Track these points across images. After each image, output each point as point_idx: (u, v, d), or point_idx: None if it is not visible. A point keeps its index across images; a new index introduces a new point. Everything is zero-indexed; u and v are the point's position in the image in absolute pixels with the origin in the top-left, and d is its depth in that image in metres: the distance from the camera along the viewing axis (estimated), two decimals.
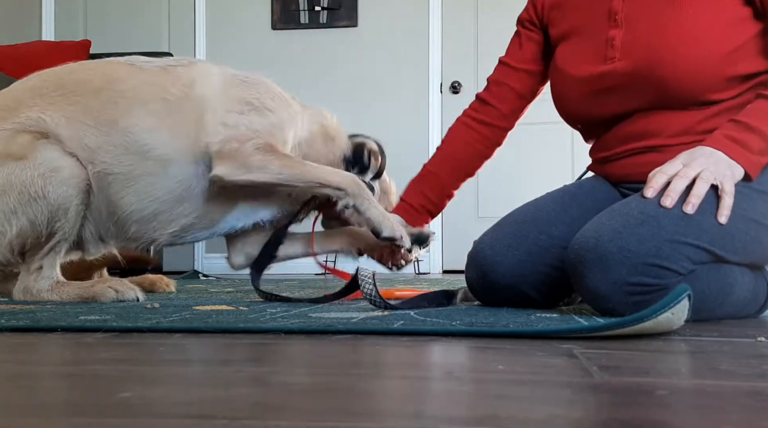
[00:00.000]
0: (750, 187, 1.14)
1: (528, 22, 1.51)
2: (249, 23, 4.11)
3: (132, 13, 4.20)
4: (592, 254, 1.10)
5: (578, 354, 0.77)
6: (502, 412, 0.50)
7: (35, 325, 1.02)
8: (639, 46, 1.26)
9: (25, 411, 0.52)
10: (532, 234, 1.31)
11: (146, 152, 1.47)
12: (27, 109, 1.47)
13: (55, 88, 1.50)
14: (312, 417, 0.49)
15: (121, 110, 1.48)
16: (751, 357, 0.79)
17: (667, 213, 1.10)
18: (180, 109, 1.49)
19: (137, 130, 1.47)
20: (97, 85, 1.51)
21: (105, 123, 1.47)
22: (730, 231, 1.11)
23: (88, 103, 1.49)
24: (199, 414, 0.49)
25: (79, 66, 1.60)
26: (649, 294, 1.08)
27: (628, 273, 1.08)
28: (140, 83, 1.51)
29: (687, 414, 0.51)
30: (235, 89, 1.53)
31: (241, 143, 1.44)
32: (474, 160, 1.57)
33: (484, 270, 1.33)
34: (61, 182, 1.40)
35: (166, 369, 0.69)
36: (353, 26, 4.04)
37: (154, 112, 1.48)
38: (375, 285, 1.23)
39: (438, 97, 3.99)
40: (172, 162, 1.48)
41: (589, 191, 1.39)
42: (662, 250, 1.08)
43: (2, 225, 1.40)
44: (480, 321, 1.04)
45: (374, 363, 0.74)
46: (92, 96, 1.49)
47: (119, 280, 1.49)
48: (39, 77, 1.55)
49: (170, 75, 1.53)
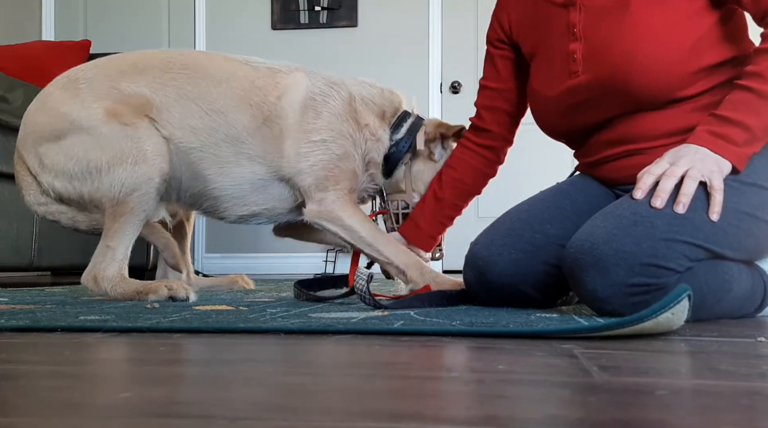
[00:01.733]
0: (739, 179, 1.14)
1: (497, 41, 1.52)
2: (249, 23, 4.11)
3: (132, 13, 4.20)
4: (588, 257, 1.11)
5: (578, 354, 0.77)
6: (502, 412, 0.50)
7: (35, 325, 1.02)
8: (598, 58, 1.26)
9: (25, 411, 0.52)
10: (527, 233, 1.32)
11: (241, 147, 1.61)
12: (148, 77, 1.60)
13: (181, 67, 1.64)
14: (312, 417, 0.49)
15: (231, 104, 1.61)
16: (751, 357, 0.79)
17: (659, 212, 1.10)
18: (269, 121, 1.62)
19: (239, 127, 1.61)
20: (217, 78, 1.64)
21: (215, 111, 1.61)
22: (724, 226, 1.11)
23: (206, 88, 1.62)
24: (199, 414, 0.49)
25: (201, 53, 1.79)
26: (648, 294, 1.09)
27: (626, 274, 1.08)
28: (251, 86, 1.64)
29: (687, 414, 0.51)
30: (309, 113, 1.62)
31: (329, 193, 1.57)
32: (479, 181, 1.64)
33: (481, 270, 1.34)
34: (150, 163, 1.52)
35: (166, 369, 0.69)
36: (353, 26, 4.04)
37: (254, 116, 1.62)
38: (368, 285, 1.24)
39: (438, 97, 3.99)
40: (258, 163, 1.62)
41: (582, 188, 1.39)
42: (658, 250, 1.08)
43: (87, 169, 1.53)
44: (480, 321, 1.04)
45: (374, 363, 0.74)
46: (211, 84, 1.63)
47: (174, 280, 1.55)
48: (167, 54, 1.69)
49: (272, 80, 1.66)
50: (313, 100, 1.62)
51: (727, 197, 1.11)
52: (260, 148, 1.61)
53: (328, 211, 1.56)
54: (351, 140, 1.60)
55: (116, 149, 1.51)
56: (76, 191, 1.55)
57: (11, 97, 2.31)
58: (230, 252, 4.07)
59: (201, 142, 1.60)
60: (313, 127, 1.60)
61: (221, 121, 1.61)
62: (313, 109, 1.61)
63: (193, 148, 1.60)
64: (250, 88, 1.63)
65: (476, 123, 1.59)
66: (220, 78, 1.64)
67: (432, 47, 4.00)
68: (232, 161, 1.61)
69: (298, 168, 1.58)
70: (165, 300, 1.45)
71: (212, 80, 1.64)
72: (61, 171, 1.55)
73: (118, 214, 1.51)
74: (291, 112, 1.61)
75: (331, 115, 1.61)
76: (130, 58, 1.68)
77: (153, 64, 1.64)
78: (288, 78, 1.66)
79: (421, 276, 1.49)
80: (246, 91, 1.63)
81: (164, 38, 4.18)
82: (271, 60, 1.74)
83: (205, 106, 1.61)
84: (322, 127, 1.59)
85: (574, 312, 1.21)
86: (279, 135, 1.60)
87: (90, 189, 1.53)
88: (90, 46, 3.34)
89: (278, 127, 1.60)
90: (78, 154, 1.53)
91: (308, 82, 1.65)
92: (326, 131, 1.59)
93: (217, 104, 1.61)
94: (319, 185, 1.57)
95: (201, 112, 1.60)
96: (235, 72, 1.66)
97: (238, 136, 1.60)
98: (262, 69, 1.68)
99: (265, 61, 1.72)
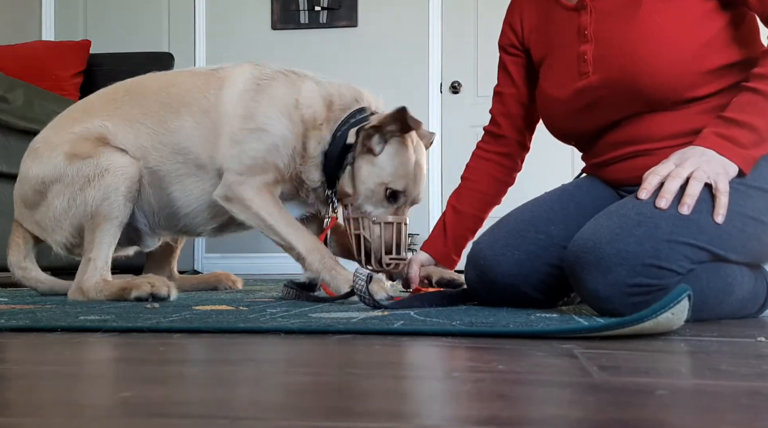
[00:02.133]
0: (745, 183, 1.14)
1: (509, 47, 1.52)
2: (249, 23, 4.11)
3: (132, 12, 4.20)
4: (590, 256, 1.10)
5: (578, 354, 0.77)
6: (502, 412, 0.50)
7: (35, 325, 1.02)
8: (609, 58, 1.26)
9: (25, 411, 0.52)
10: (530, 234, 1.32)
11: (186, 154, 1.62)
12: (97, 113, 1.67)
13: (123, 93, 1.69)
14: (312, 417, 0.48)
15: (171, 112, 1.63)
16: (751, 357, 0.79)
17: (664, 213, 1.10)
18: (208, 116, 1.60)
19: (181, 133, 1.62)
20: (155, 89, 1.66)
21: (158, 124, 1.63)
22: (728, 229, 1.11)
23: (147, 105, 1.65)
24: (199, 414, 0.49)
25: (149, 75, 1.77)
26: (649, 295, 1.08)
27: (627, 274, 1.08)
28: (190, 87, 1.64)
29: (687, 415, 0.50)
30: (246, 101, 1.59)
31: (244, 178, 1.55)
32: (498, 190, 1.57)
33: (483, 270, 1.34)
34: (112, 173, 1.57)
35: (166, 369, 0.69)
36: (353, 26, 4.03)
37: (193, 115, 1.61)
38: (367, 286, 1.24)
39: (438, 96, 3.99)
40: (205, 167, 1.61)
41: (587, 190, 1.39)
42: (660, 251, 1.07)
43: (68, 208, 1.60)
44: (480, 321, 1.04)
45: (374, 363, 0.74)
46: (152, 99, 1.65)
47: (157, 277, 1.55)
48: (115, 86, 1.75)
49: (212, 78, 1.65)
50: (256, 85, 1.60)
51: (733, 200, 1.10)
52: (207, 153, 1.60)
53: (233, 192, 1.54)
54: (286, 128, 1.56)
55: (83, 178, 1.58)
56: (72, 231, 1.62)
57: (11, 97, 2.31)
58: (230, 252, 4.07)
59: (156, 160, 1.63)
60: (249, 112, 1.57)
61: (166, 133, 1.63)
62: (252, 95, 1.59)
63: (151, 167, 1.63)
64: (190, 90, 1.63)
65: (492, 130, 1.56)
66: (158, 89, 1.66)
67: (432, 47, 4.00)
68: (187, 174, 1.63)
69: (230, 153, 1.56)
70: (146, 297, 1.46)
71: (152, 96, 1.66)
72: (57, 226, 1.63)
73: (94, 226, 1.56)
74: (228, 100, 1.60)
75: (270, 100, 1.58)
76: (80, 104, 1.77)
77: (99, 101, 1.71)
78: (232, 71, 1.65)
79: (321, 263, 1.46)
80: (184, 96, 1.63)
81: (164, 38, 4.18)
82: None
83: (150, 122, 1.64)
84: (257, 113, 1.57)
85: (574, 312, 1.21)
86: (217, 128, 1.59)
87: (72, 220, 1.60)
88: (90, 46, 3.34)
89: (216, 118, 1.59)
90: (61, 204, 1.61)
91: (255, 72, 1.63)
92: (262, 117, 1.56)
93: (159, 118, 1.63)
94: (238, 170, 1.55)
95: (148, 131, 1.64)
96: (175, 81, 1.67)
97: (185, 145, 1.61)
98: (205, 71, 1.68)
99: (219, 66, 1.71)
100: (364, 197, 1.55)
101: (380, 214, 1.54)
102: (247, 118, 1.57)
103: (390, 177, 1.53)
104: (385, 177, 1.53)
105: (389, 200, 1.54)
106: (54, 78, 3.09)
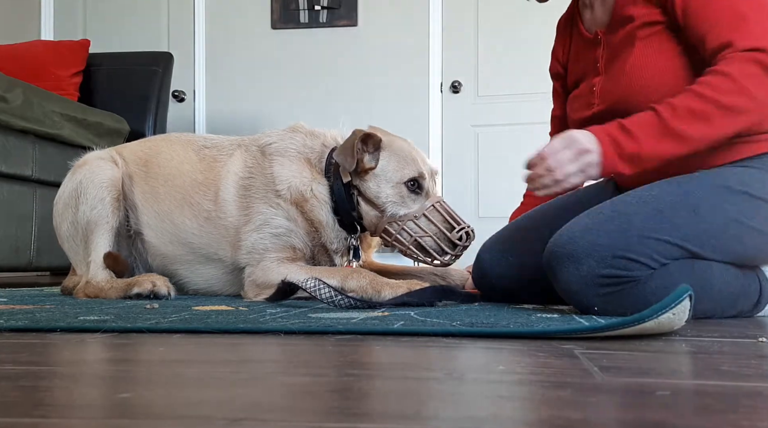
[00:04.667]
0: (729, 187, 1.18)
1: (556, 75, 1.59)
2: (249, 22, 4.10)
3: (131, 12, 4.19)
4: (564, 250, 1.16)
5: (579, 354, 0.77)
6: (503, 413, 0.50)
7: (34, 326, 1.02)
8: (611, 91, 1.33)
9: (24, 411, 0.51)
10: (527, 240, 1.38)
11: (192, 247, 1.69)
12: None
13: (144, 163, 1.78)
14: (312, 418, 0.48)
15: (176, 207, 1.71)
16: (753, 357, 0.79)
17: (639, 210, 1.15)
18: (211, 222, 1.67)
19: (186, 231, 1.70)
20: (165, 173, 1.74)
21: (164, 213, 1.71)
22: (707, 228, 1.16)
23: (156, 186, 1.74)
24: (199, 415, 0.49)
25: (164, 143, 1.83)
26: (619, 286, 1.13)
27: (598, 265, 1.12)
28: (192, 182, 1.71)
29: (688, 415, 0.50)
30: (242, 206, 1.64)
31: (256, 261, 1.58)
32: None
33: (483, 271, 1.42)
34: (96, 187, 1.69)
35: (166, 370, 0.69)
36: (353, 25, 4.03)
37: (197, 218, 1.68)
38: (332, 287, 1.24)
39: (438, 96, 3.99)
40: (213, 259, 1.68)
41: (595, 195, 1.42)
42: (630, 244, 1.12)
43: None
44: (480, 321, 1.04)
45: (374, 363, 0.74)
46: (162, 182, 1.74)
47: (158, 276, 1.63)
48: (144, 143, 1.87)
49: (210, 173, 1.70)
50: (245, 187, 1.64)
51: (715, 201, 1.16)
52: (214, 251, 1.67)
53: (258, 284, 1.55)
54: (282, 218, 1.58)
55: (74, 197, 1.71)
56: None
57: (10, 96, 2.30)
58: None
59: (159, 240, 1.72)
60: (248, 216, 1.62)
61: (171, 225, 1.71)
62: (243, 197, 1.64)
63: (153, 243, 1.72)
64: (191, 186, 1.70)
65: None
66: (166, 176, 1.74)
67: (432, 46, 4.00)
68: (195, 261, 1.70)
69: (241, 253, 1.61)
70: (147, 294, 1.55)
71: (160, 181, 1.74)
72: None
73: (88, 233, 1.67)
74: (226, 208, 1.65)
75: (259, 199, 1.61)
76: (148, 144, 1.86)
77: (147, 152, 1.80)
78: (226, 163, 1.70)
79: (358, 285, 1.41)
80: (185, 194, 1.70)
81: (164, 38, 4.17)
82: (220, 137, 1.81)
83: (155, 207, 1.72)
84: (252, 214, 1.61)
85: (574, 313, 1.21)
86: (221, 234, 1.65)
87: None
88: (89, 46, 3.33)
89: (219, 225, 1.66)
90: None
91: (243, 164, 1.67)
92: (259, 216, 1.60)
93: (166, 206, 1.71)
94: (252, 258, 1.59)
95: (153, 213, 1.73)
96: (179, 171, 1.73)
97: (191, 241, 1.69)
98: (207, 160, 1.73)
99: (214, 141, 1.77)
100: (392, 205, 1.53)
101: (418, 208, 1.53)
102: (247, 222, 1.62)
103: (400, 172, 1.54)
104: (396, 175, 1.54)
105: (415, 192, 1.54)
106: (53, 78, 3.09)
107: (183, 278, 1.73)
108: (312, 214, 1.58)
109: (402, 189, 1.53)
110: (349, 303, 1.23)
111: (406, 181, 1.53)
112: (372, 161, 1.55)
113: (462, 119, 3.94)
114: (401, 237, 1.52)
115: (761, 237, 1.20)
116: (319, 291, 1.23)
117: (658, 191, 1.18)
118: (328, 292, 1.23)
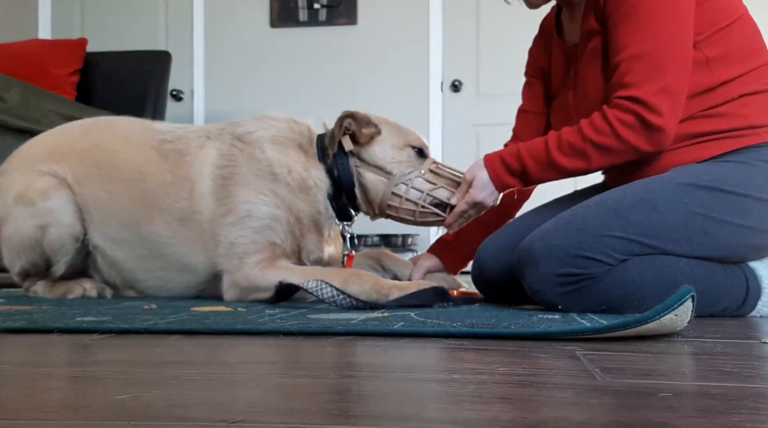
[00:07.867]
0: (696, 185, 1.21)
1: (530, 74, 1.62)
2: (247, 21, 4.10)
3: (129, 10, 4.19)
4: (526, 254, 1.23)
5: (580, 355, 0.77)
6: (504, 415, 0.50)
7: (32, 326, 1.01)
8: (580, 105, 1.38)
9: (21, 413, 0.51)
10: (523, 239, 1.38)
11: (165, 258, 1.59)
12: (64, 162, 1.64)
13: (95, 163, 1.63)
14: (311, 419, 0.48)
15: (144, 216, 1.58)
16: (755, 358, 0.78)
17: (594, 212, 1.21)
18: (184, 224, 1.56)
19: (157, 240, 1.58)
20: (126, 177, 1.60)
21: (129, 224, 1.59)
22: (665, 222, 1.19)
23: (117, 194, 1.60)
24: (197, 417, 0.49)
25: (114, 137, 1.66)
26: (577, 284, 1.19)
27: (555, 265, 1.19)
28: (160, 185, 1.57)
29: (691, 416, 0.50)
30: (221, 196, 1.54)
31: (237, 265, 1.50)
32: (519, 204, 1.66)
33: (482, 269, 1.47)
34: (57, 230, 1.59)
35: (164, 371, 0.68)
36: (353, 24, 4.03)
37: (169, 223, 1.57)
38: (334, 286, 1.22)
39: (438, 95, 3.99)
40: (186, 269, 1.59)
41: (589, 196, 1.42)
42: (585, 243, 1.18)
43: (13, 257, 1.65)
44: (481, 322, 1.03)
45: (373, 365, 0.73)
46: (122, 187, 1.60)
47: (88, 280, 1.66)
48: (81, 129, 1.72)
49: (180, 170, 1.57)
50: (222, 178, 1.54)
51: (677, 197, 1.20)
52: (189, 258, 1.57)
53: (242, 288, 1.48)
54: (273, 200, 1.51)
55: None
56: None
57: (7, 96, 2.30)
58: None
59: (125, 255, 1.61)
60: (227, 208, 1.51)
61: (137, 238, 1.59)
62: (223, 189, 1.53)
63: (116, 258, 1.62)
64: (160, 189, 1.57)
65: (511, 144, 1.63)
66: (128, 180, 1.59)
67: (432, 45, 3.99)
68: (158, 268, 1.60)
69: (220, 253, 1.52)
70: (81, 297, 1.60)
71: (122, 185, 1.60)
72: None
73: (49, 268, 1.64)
74: (202, 202, 1.54)
75: (244, 187, 1.52)
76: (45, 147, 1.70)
77: (67, 151, 1.65)
78: (196, 156, 1.58)
79: (360, 289, 1.37)
80: (155, 199, 1.57)
81: (161, 36, 4.17)
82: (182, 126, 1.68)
83: (119, 217, 1.59)
84: (235, 204, 1.51)
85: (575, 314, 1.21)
86: (197, 234, 1.54)
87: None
88: (86, 45, 3.33)
89: (194, 224, 1.54)
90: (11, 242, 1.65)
91: (218, 153, 1.57)
92: (242, 206, 1.51)
93: (130, 216, 1.59)
94: (231, 263, 1.50)
95: (116, 225, 1.60)
96: (143, 173, 1.59)
97: (164, 251, 1.58)
98: (172, 157, 1.59)
99: (176, 133, 1.63)
100: (399, 165, 1.53)
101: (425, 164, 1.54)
102: (226, 213, 1.52)
103: (405, 138, 1.57)
104: (402, 140, 1.56)
105: (420, 157, 1.56)
106: (50, 76, 3.08)
107: (155, 293, 1.65)
108: (312, 201, 1.54)
109: (410, 151, 1.55)
110: (351, 304, 1.23)
111: (412, 144, 1.56)
112: (372, 127, 1.56)
113: (462, 118, 3.94)
114: (411, 198, 1.50)
115: (736, 230, 1.21)
116: (321, 292, 1.22)
117: (619, 193, 1.24)
118: (329, 292, 1.22)
